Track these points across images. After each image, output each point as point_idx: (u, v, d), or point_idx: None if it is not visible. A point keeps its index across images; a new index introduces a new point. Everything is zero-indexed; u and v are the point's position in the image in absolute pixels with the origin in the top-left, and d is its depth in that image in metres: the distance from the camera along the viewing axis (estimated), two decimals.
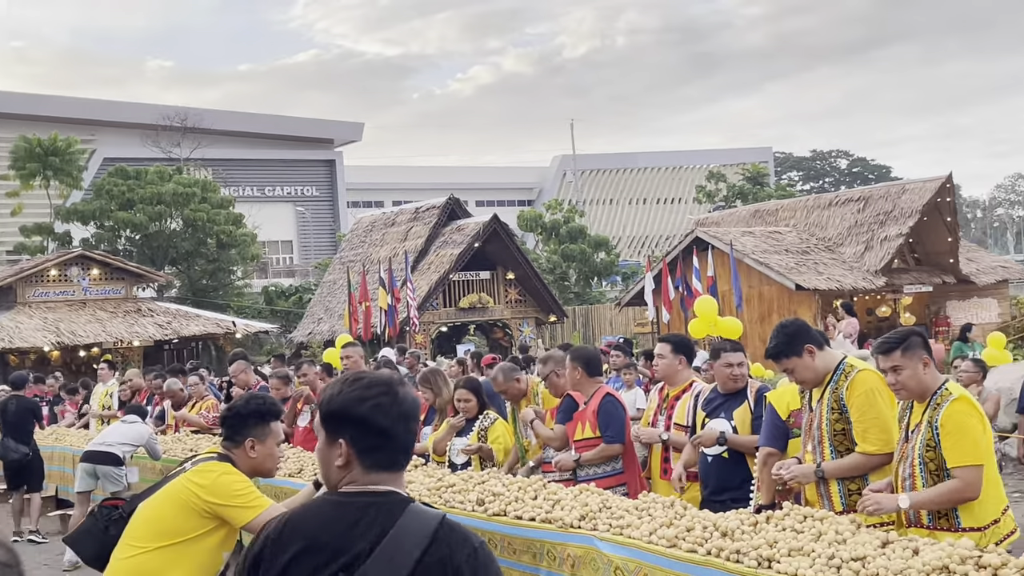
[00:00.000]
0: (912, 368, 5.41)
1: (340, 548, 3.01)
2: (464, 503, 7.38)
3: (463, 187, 62.98)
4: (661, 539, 5.79)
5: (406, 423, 3.21)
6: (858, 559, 4.82)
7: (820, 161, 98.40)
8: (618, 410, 7.85)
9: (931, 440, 5.32)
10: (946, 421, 5.29)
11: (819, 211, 35.16)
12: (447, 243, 35.78)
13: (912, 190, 32.72)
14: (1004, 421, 12.50)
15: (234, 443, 4.77)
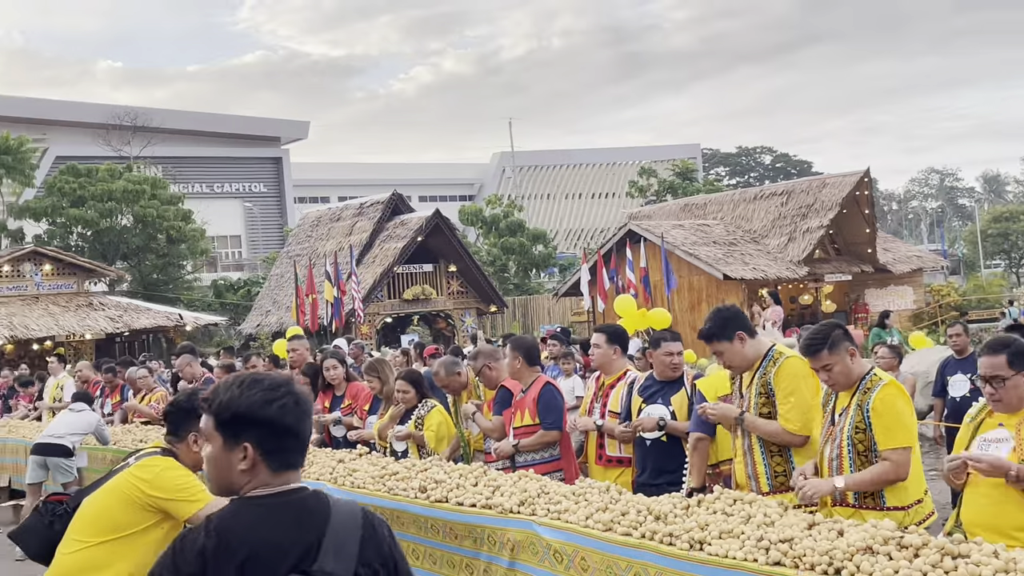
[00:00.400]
0: (841, 363, 5.41)
1: (290, 548, 2.94)
2: (407, 490, 7.31)
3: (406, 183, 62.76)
4: (597, 523, 5.76)
5: (308, 421, 3.15)
6: (786, 540, 4.81)
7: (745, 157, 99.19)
8: (557, 399, 7.81)
9: (861, 423, 5.33)
10: (877, 405, 5.30)
11: (745, 205, 35.46)
12: (391, 237, 35.70)
13: (832, 184, 33.09)
14: (920, 403, 12.64)
15: (177, 438, 4.64)
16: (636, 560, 5.42)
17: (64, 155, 58.97)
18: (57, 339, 31.02)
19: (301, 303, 30.60)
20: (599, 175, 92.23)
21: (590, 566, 5.72)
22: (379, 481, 7.67)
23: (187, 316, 35.49)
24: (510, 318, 39.82)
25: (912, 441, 5.34)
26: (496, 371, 8.38)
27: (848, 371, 5.42)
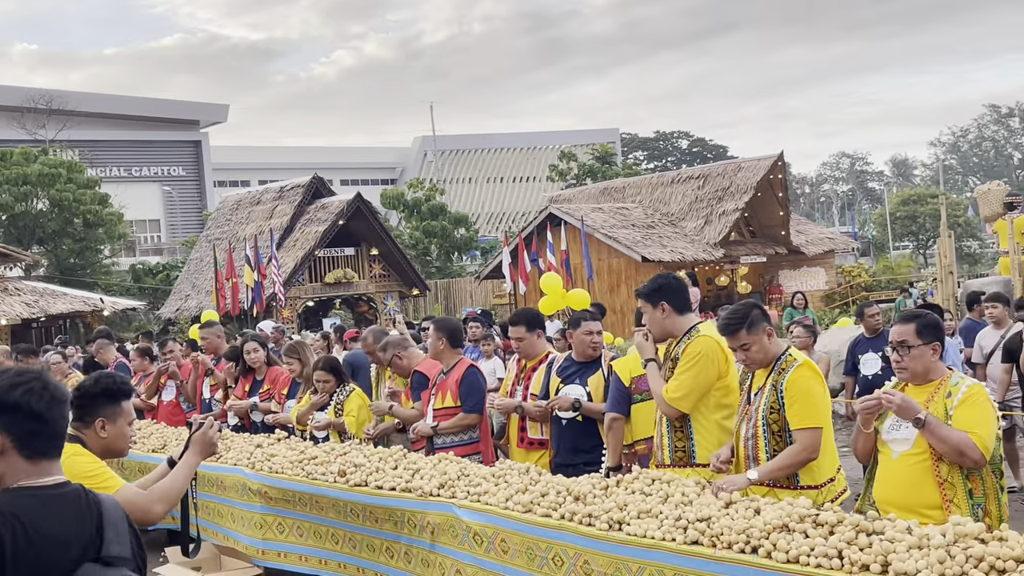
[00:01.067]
0: (759, 343, 5.42)
1: (72, 539, 2.98)
2: (326, 475, 7.21)
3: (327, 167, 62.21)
4: (517, 505, 5.73)
5: (60, 408, 3.11)
6: (703, 519, 4.80)
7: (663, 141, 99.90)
8: (479, 382, 7.78)
9: (775, 403, 5.33)
10: (790, 386, 5.30)
11: (663, 188, 35.68)
12: (312, 221, 35.37)
13: (747, 168, 33.43)
14: (833, 381, 12.78)
15: (84, 424, 4.47)
16: (556, 541, 5.39)
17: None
18: None
19: (221, 287, 30.32)
20: (520, 159, 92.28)
21: (510, 548, 5.68)
22: (297, 466, 7.56)
23: (105, 301, 34.78)
24: (432, 301, 39.69)
25: (824, 422, 5.35)
26: (407, 359, 8.33)
27: (765, 350, 5.43)
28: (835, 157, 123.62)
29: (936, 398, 4.74)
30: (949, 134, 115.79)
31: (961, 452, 4.59)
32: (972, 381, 4.69)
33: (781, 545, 4.39)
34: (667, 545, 4.80)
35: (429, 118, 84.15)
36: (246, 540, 7.99)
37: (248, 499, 7.92)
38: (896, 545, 4.10)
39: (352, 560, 7.06)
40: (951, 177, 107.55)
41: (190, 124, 76.83)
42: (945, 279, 19.16)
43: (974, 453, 4.57)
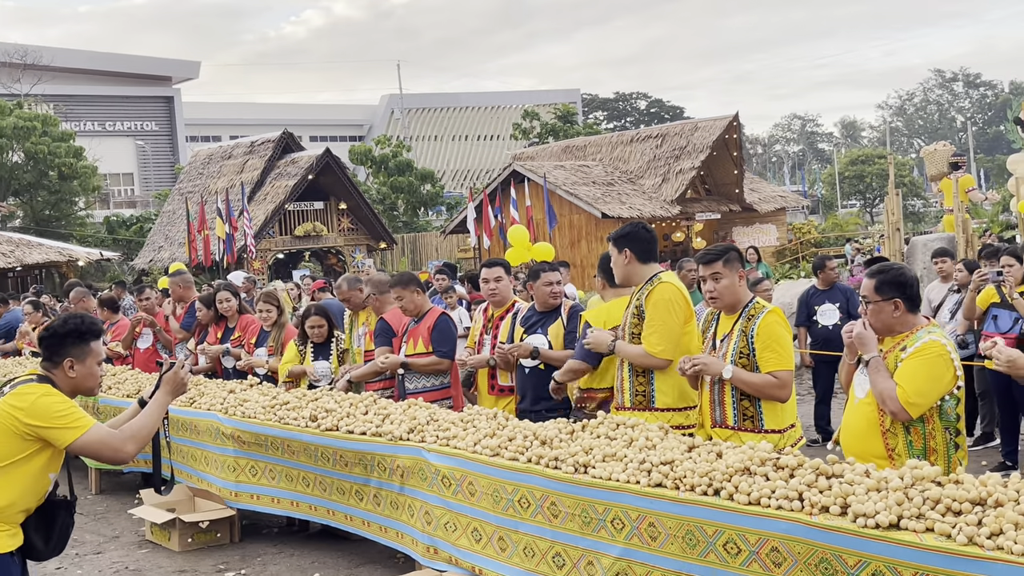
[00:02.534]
0: (730, 279, 5.42)
1: None
2: (298, 419, 7.15)
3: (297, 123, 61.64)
4: (485, 449, 5.69)
5: None
6: (667, 463, 4.78)
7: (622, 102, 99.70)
8: (451, 329, 7.76)
9: (744, 348, 5.32)
10: (762, 331, 5.30)
11: (622, 147, 35.65)
12: (282, 175, 35.12)
13: (703, 128, 33.46)
14: None
15: (53, 364, 4.35)
16: (523, 484, 5.36)
17: None
18: None
19: (193, 239, 30.26)
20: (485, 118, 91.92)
21: (477, 490, 5.65)
22: (270, 411, 7.49)
23: (79, 251, 34.45)
24: (399, 254, 39.58)
25: (792, 366, 5.36)
26: (380, 302, 8.20)
27: (734, 290, 5.42)
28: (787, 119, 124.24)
29: (891, 355, 4.70)
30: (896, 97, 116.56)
31: (883, 400, 4.57)
32: (931, 338, 4.59)
33: (743, 487, 4.37)
34: (631, 487, 4.78)
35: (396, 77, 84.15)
36: (220, 483, 7.93)
37: (221, 443, 7.85)
38: (855, 488, 4.09)
39: (323, 503, 7.03)
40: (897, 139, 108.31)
41: (163, 80, 75.88)
42: (892, 235, 19.28)
43: (892, 405, 4.53)
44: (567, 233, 29.99)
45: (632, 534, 4.77)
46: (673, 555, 4.59)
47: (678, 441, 5.09)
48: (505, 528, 5.48)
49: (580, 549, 5.04)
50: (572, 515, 5.07)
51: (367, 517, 6.61)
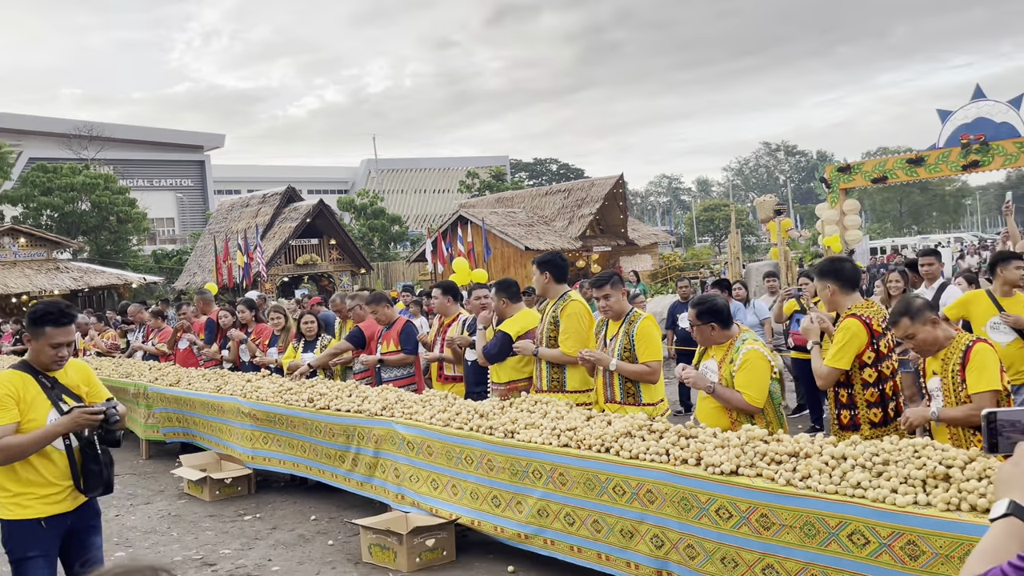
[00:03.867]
0: (616, 296, 5.51)
1: None
2: (299, 401, 7.08)
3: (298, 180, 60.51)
4: (438, 421, 5.68)
5: None
6: (571, 429, 4.82)
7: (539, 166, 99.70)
8: (414, 332, 7.69)
9: (627, 345, 5.38)
10: (639, 332, 5.36)
11: (539, 198, 35.76)
12: (286, 219, 34.71)
13: (598, 184, 33.74)
14: None
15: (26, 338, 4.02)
16: (467, 446, 5.38)
17: (36, 157, 55.02)
18: (31, 295, 29.00)
19: (219, 267, 29.90)
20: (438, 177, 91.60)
21: (434, 451, 5.65)
22: (277, 395, 7.42)
23: (133, 276, 33.83)
24: (375, 278, 39.19)
25: (661, 357, 5.44)
26: (362, 312, 8.16)
27: (620, 305, 5.51)
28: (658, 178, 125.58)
29: (724, 363, 4.73)
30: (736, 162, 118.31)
31: (739, 408, 4.65)
32: (749, 347, 4.66)
33: (626, 446, 4.43)
34: (546, 447, 4.81)
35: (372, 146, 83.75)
36: (240, 449, 7.82)
37: (241, 419, 7.75)
38: (706, 445, 4.17)
39: (315, 464, 6.97)
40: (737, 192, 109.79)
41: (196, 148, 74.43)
42: (733, 263, 19.60)
43: (748, 408, 4.59)
44: (499, 261, 29.95)
45: (548, 481, 4.81)
46: (577, 496, 4.64)
47: (580, 413, 5.15)
48: (456, 479, 5.49)
49: (511, 492, 5.06)
50: (503, 468, 5.10)
51: (350, 475, 6.57)
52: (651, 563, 4.25)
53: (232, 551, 6.13)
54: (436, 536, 5.47)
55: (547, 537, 4.82)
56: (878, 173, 27.61)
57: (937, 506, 3.23)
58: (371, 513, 6.12)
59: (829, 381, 4.63)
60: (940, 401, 4.15)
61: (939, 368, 4.17)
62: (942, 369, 4.15)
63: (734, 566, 3.84)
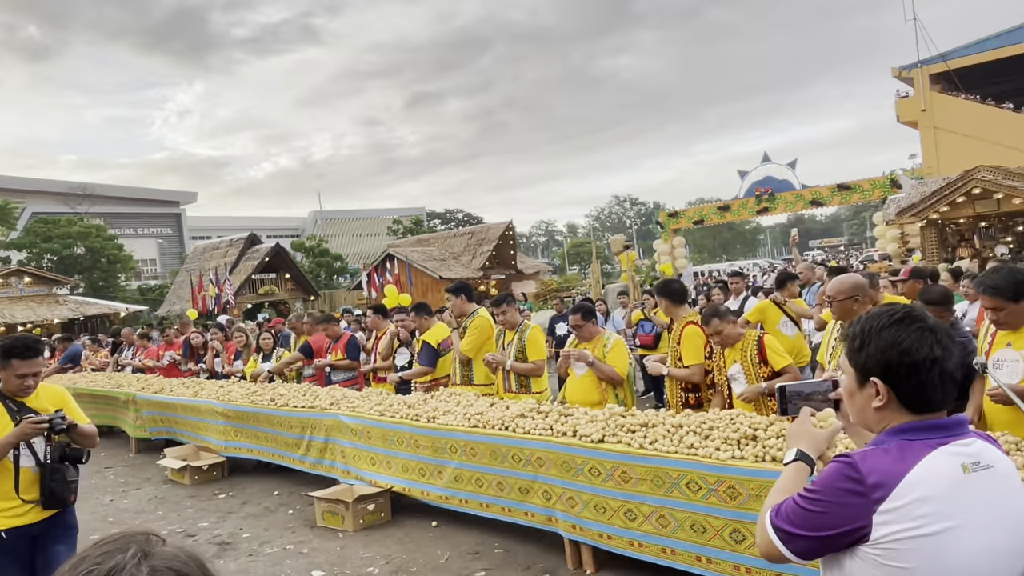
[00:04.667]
0: (511, 312, 5.50)
1: None
2: (263, 401, 6.80)
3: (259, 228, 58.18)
4: (375, 412, 5.56)
5: None
6: (479, 413, 4.80)
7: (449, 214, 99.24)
8: (357, 344, 7.51)
9: (520, 348, 5.39)
10: (529, 338, 5.39)
11: (450, 239, 35.65)
12: (249, 258, 33.50)
13: (494, 228, 33.92)
14: None
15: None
16: (398, 431, 5.28)
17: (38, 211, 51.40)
18: (35, 323, 27.02)
19: (195, 297, 28.59)
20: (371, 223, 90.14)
21: (373, 436, 5.53)
22: (245, 397, 7.11)
23: (121, 307, 31.98)
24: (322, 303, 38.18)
25: (545, 357, 5.46)
26: (309, 328, 7.95)
27: (515, 317, 5.50)
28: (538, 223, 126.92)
29: (598, 347, 4.88)
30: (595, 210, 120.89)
31: (611, 378, 4.75)
32: (616, 338, 4.86)
33: (521, 424, 4.43)
34: (460, 428, 4.77)
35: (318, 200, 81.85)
36: (215, 442, 7.45)
37: (215, 418, 7.39)
38: (579, 420, 4.21)
39: (277, 450, 6.70)
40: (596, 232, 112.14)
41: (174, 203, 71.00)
42: (595, 286, 19.94)
43: (617, 378, 4.73)
44: (419, 288, 29.63)
45: (462, 454, 4.76)
46: (485, 464, 4.61)
47: (485, 401, 5.13)
48: (390, 456, 5.38)
49: (433, 465, 4.99)
50: (427, 447, 5.02)
51: (305, 458, 6.34)
52: (542, 511, 4.26)
53: (210, 524, 5.82)
54: (376, 502, 5.34)
55: (462, 497, 4.77)
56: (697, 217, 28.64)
57: (748, 459, 3.35)
58: (323, 487, 5.92)
59: (698, 375, 4.66)
60: (742, 382, 4.33)
61: (739, 357, 4.35)
62: (741, 357, 4.33)
63: (603, 511, 3.89)
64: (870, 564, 1.24)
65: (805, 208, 25.33)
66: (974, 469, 1.26)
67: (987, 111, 34.21)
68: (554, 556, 4.34)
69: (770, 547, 1.36)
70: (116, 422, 9.24)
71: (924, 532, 1.20)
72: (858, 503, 1.24)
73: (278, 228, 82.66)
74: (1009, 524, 1.25)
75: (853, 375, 1.41)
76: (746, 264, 49.13)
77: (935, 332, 1.33)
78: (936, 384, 1.31)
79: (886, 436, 1.33)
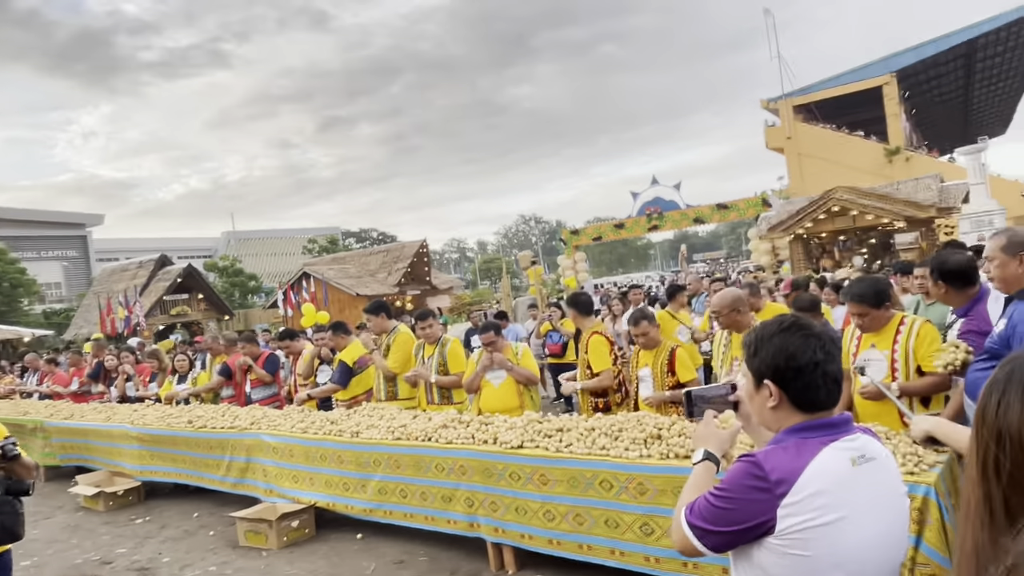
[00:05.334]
0: (434, 325, 5.46)
1: None
2: (180, 423, 6.41)
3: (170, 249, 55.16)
4: (297, 429, 5.36)
5: None
6: (402, 426, 4.71)
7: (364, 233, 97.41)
8: (276, 360, 7.21)
9: (442, 362, 5.35)
10: (451, 352, 5.38)
11: (366, 257, 34.98)
12: (160, 280, 31.56)
13: (408, 246, 33.54)
14: None
15: None
16: (322, 447, 5.10)
17: None
18: None
19: (103, 320, 26.63)
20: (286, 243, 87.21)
21: (295, 454, 5.31)
22: (161, 420, 6.68)
23: (25, 331, 29.38)
24: (237, 323, 36.46)
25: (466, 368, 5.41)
26: (226, 349, 7.59)
27: (435, 331, 5.45)
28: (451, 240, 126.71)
29: (509, 357, 4.91)
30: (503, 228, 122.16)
31: (528, 379, 4.79)
32: (524, 347, 4.95)
33: (443, 435, 4.39)
34: (384, 442, 4.67)
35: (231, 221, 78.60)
36: (129, 466, 6.94)
37: (129, 442, 6.90)
38: (500, 428, 4.21)
39: (196, 472, 6.33)
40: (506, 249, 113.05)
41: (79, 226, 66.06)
42: (505, 299, 20.08)
43: (534, 378, 4.79)
44: (336, 305, 28.82)
45: (386, 467, 4.65)
46: (409, 475, 4.51)
47: (408, 413, 5.05)
48: (313, 473, 5.19)
49: (357, 479, 4.85)
50: (351, 462, 4.88)
51: (225, 479, 6.01)
52: (464, 518, 4.22)
53: (127, 549, 5.41)
54: (300, 518, 5.14)
55: (387, 509, 4.66)
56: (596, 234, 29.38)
57: (655, 456, 3.44)
58: (245, 507, 5.64)
59: (608, 379, 4.65)
60: (649, 385, 4.45)
61: (651, 362, 4.46)
62: (653, 363, 4.45)
63: (524, 513, 3.90)
64: (776, 554, 1.31)
65: (690, 225, 26.55)
66: (860, 462, 1.35)
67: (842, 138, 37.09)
68: (478, 560, 4.31)
69: (686, 543, 1.41)
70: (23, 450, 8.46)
71: (821, 522, 1.28)
72: (763, 499, 1.30)
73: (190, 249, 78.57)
74: (892, 509, 1.36)
75: (751, 379, 1.49)
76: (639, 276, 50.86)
77: (820, 338, 1.42)
78: (820, 385, 1.40)
79: (784, 435, 1.41)
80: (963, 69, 38.76)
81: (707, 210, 25.05)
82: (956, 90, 42.53)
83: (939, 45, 35.34)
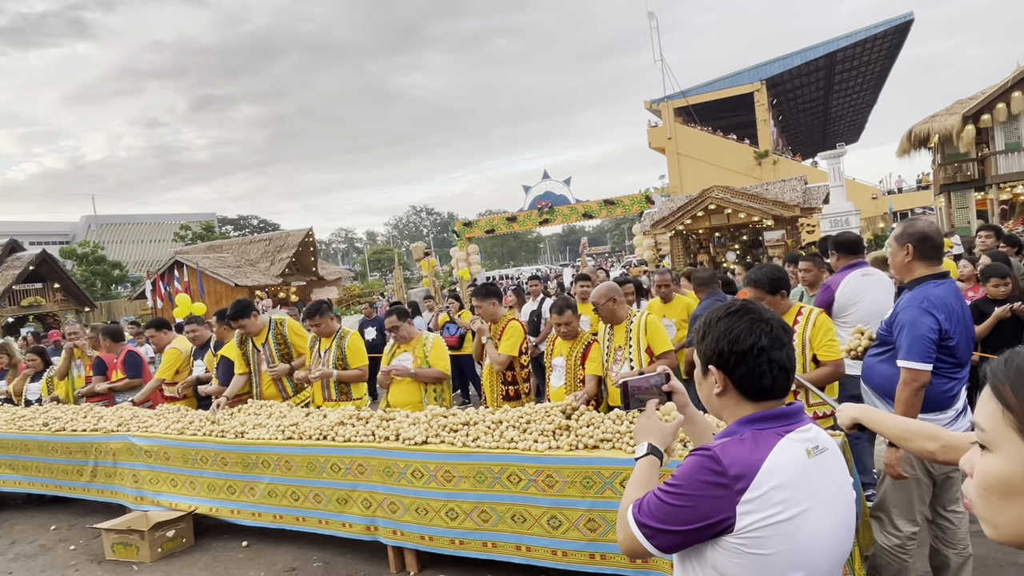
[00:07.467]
0: (326, 323, 5.07)
1: None
2: (33, 427, 5.68)
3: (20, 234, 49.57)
4: (173, 431, 4.87)
5: None
6: (293, 424, 4.40)
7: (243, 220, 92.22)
8: (138, 359, 6.49)
9: (340, 355, 5.03)
10: (349, 345, 5.05)
11: (246, 246, 33.04)
12: (9, 267, 28.28)
13: (293, 235, 32.08)
14: None
15: None
16: (201, 449, 4.67)
17: None
18: None
19: None
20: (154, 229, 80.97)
21: (171, 456, 4.84)
22: (10, 423, 5.89)
23: None
24: (100, 314, 33.33)
25: (367, 362, 5.11)
26: (94, 342, 6.82)
27: (330, 326, 5.08)
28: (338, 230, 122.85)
29: (418, 347, 4.70)
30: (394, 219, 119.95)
31: (437, 379, 4.60)
32: (434, 338, 4.71)
33: (340, 432, 4.13)
34: (272, 442, 4.33)
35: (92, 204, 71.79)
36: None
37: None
38: (403, 424, 4.02)
39: (52, 480, 5.63)
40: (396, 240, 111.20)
41: None
42: (398, 290, 19.53)
43: (444, 376, 4.60)
44: (212, 296, 27.00)
45: (276, 468, 4.32)
46: (301, 477, 4.22)
47: (300, 411, 4.72)
48: (193, 476, 4.74)
49: (244, 481, 4.48)
50: (236, 463, 4.49)
51: (89, 486, 5.39)
52: (362, 520, 3.99)
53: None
54: (176, 527, 4.67)
55: (276, 513, 4.33)
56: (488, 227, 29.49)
57: (563, 448, 3.39)
58: (111, 516, 5.07)
59: (505, 363, 4.63)
60: (561, 375, 4.38)
61: (566, 352, 4.37)
62: (568, 354, 4.35)
63: (425, 513, 3.73)
64: (733, 553, 1.23)
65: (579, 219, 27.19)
66: (815, 453, 1.30)
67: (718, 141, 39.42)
68: (376, 562, 4.09)
69: (633, 543, 1.31)
70: None
71: (782, 518, 1.22)
72: (722, 495, 1.22)
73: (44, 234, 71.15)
74: (843, 499, 1.32)
75: (699, 364, 1.42)
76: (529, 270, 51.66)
77: (767, 323, 1.36)
78: (765, 372, 1.33)
79: (737, 426, 1.33)
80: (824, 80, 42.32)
81: (595, 205, 25.75)
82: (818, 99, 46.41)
83: (804, 56, 38.33)
